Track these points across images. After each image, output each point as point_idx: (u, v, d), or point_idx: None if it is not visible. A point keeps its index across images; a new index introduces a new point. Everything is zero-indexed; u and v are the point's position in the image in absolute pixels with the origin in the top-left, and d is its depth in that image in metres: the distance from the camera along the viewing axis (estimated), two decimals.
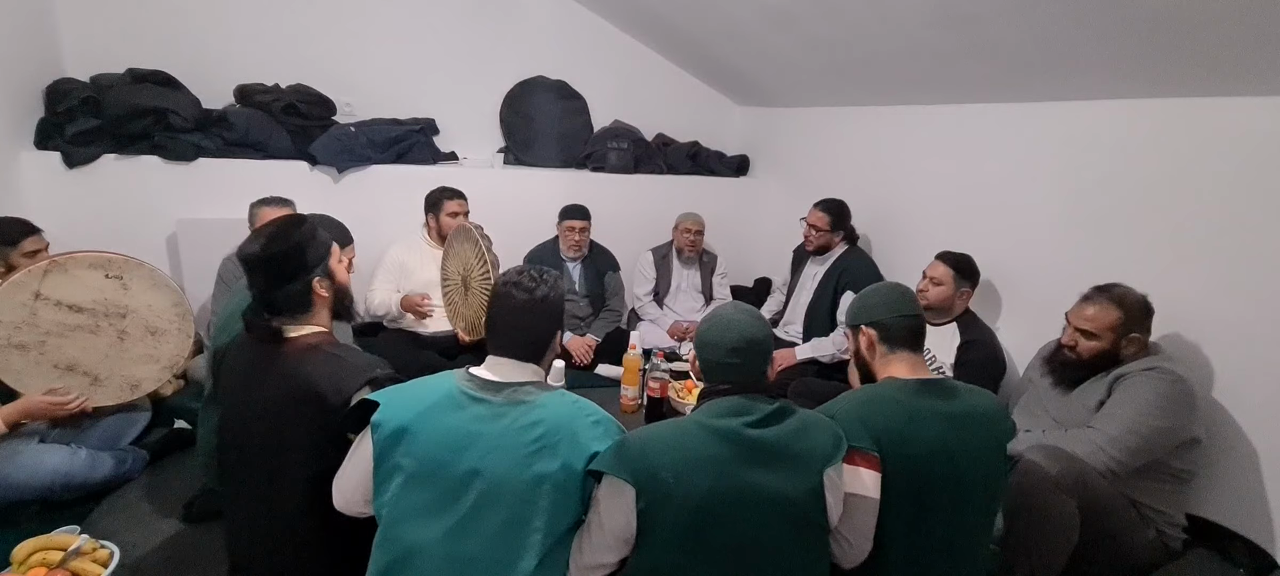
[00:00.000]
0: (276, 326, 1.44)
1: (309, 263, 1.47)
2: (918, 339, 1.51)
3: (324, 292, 1.50)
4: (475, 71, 3.98)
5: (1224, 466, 1.95)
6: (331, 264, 1.53)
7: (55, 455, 2.00)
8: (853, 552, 1.34)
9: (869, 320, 1.54)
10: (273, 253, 1.43)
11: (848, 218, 3.14)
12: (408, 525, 1.21)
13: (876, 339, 1.52)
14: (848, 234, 3.16)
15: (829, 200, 3.14)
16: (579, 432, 1.23)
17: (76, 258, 1.98)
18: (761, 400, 1.32)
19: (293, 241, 1.45)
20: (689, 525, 1.17)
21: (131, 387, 2.13)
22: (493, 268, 2.30)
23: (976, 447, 1.40)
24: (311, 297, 1.48)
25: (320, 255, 1.50)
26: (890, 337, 1.50)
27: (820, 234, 3.12)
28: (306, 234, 1.49)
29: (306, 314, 1.48)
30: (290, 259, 1.44)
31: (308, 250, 1.47)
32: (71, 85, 3.02)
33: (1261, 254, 1.87)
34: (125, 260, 2.04)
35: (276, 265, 1.43)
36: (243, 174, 3.21)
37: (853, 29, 2.67)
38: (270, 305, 1.45)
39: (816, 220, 3.12)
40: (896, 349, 1.50)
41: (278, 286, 1.44)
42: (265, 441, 1.42)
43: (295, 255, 1.45)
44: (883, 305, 1.54)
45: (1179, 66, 1.92)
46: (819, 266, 3.19)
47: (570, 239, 3.39)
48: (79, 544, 1.70)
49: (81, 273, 1.98)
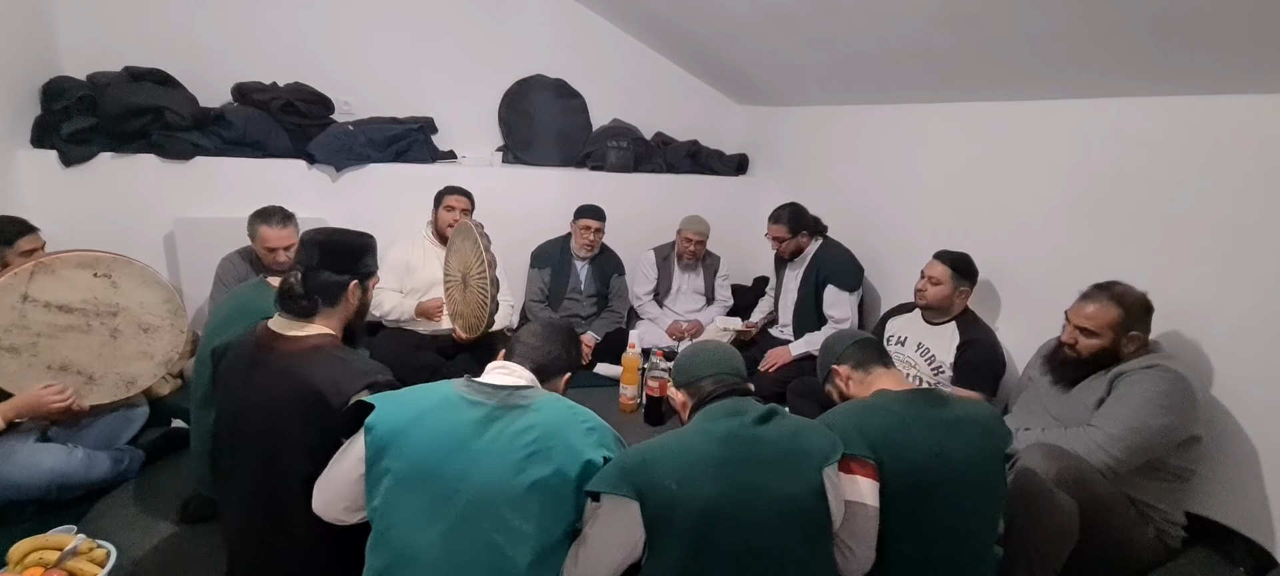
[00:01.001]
0: (307, 304, 1.52)
1: (358, 268, 1.61)
2: (883, 354, 1.63)
3: (353, 299, 1.60)
4: (474, 70, 3.97)
5: (1223, 464, 1.95)
6: (370, 283, 1.67)
7: (52, 455, 1.99)
8: (857, 561, 1.34)
9: (836, 361, 1.65)
10: (338, 240, 1.60)
11: (804, 217, 3.16)
12: (401, 528, 1.21)
13: (850, 370, 1.62)
14: (813, 229, 3.17)
15: (779, 209, 3.18)
16: (573, 439, 1.23)
17: (63, 258, 1.97)
18: (753, 401, 1.35)
19: (356, 242, 1.64)
20: (696, 530, 1.17)
21: (127, 384, 2.12)
22: (489, 266, 2.29)
23: (973, 451, 1.41)
24: (343, 296, 1.57)
25: (369, 269, 1.66)
26: (859, 363, 1.61)
27: (785, 243, 3.16)
28: (368, 245, 1.67)
29: (331, 308, 1.56)
30: (347, 252, 1.60)
31: (363, 257, 1.64)
32: (68, 83, 3.02)
33: (1261, 252, 1.87)
34: (113, 258, 2.02)
35: (334, 251, 1.57)
36: (241, 173, 3.20)
37: (852, 27, 2.66)
38: (309, 286, 1.53)
39: (775, 233, 3.18)
40: (870, 368, 1.60)
41: (324, 270, 1.54)
42: (265, 440, 1.42)
43: (353, 253, 1.61)
44: (837, 346, 1.68)
45: (1179, 64, 1.92)
46: (797, 269, 3.22)
47: (584, 238, 3.39)
48: (76, 543, 1.69)
49: (69, 273, 1.96)
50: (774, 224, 3.17)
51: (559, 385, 1.48)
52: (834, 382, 1.67)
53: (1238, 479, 1.93)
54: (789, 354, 3.07)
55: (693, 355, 1.48)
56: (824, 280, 3.06)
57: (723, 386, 1.38)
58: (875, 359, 1.60)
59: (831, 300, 3.04)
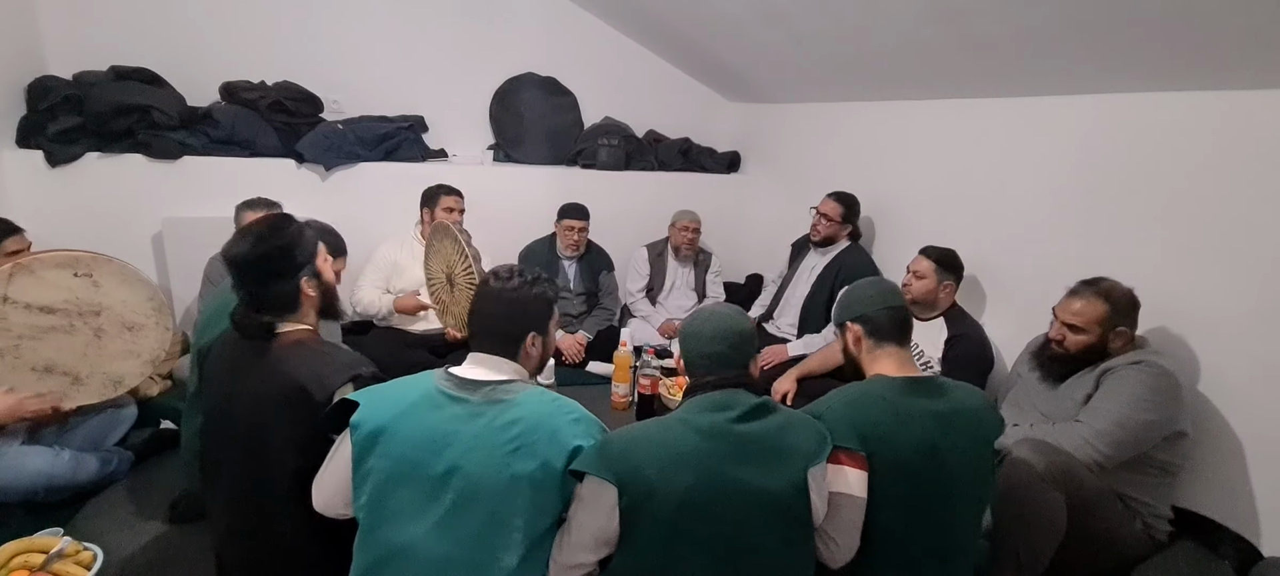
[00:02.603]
0: (267, 321, 1.44)
1: (298, 262, 1.47)
2: (904, 332, 1.53)
3: (312, 292, 1.50)
4: (464, 68, 3.95)
5: (1210, 459, 1.96)
6: (319, 263, 1.53)
7: (38, 457, 1.97)
8: (840, 552, 1.34)
9: (853, 315, 1.56)
10: (261, 252, 1.43)
11: (858, 212, 3.14)
12: (388, 526, 1.21)
13: (863, 334, 1.54)
14: (853, 230, 3.17)
15: (843, 192, 3.14)
16: (558, 430, 1.22)
17: (42, 258, 1.94)
18: (745, 394, 1.32)
19: (281, 241, 1.46)
20: (673, 521, 1.17)
21: (114, 384, 2.10)
22: (475, 261, 2.29)
23: (964, 445, 1.41)
24: (300, 297, 1.48)
25: (308, 254, 1.50)
26: (876, 331, 1.52)
27: (830, 224, 3.11)
28: (294, 233, 1.49)
29: (294, 313, 1.49)
30: (279, 258, 1.44)
31: (296, 250, 1.47)
32: (53, 83, 2.99)
33: (1248, 248, 1.88)
34: (93, 257, 2.00)
35: (265, 265, 1.43)
36: (229, 172, 3.18)
37: (842, 24, 2.66)
38: (259, 304, 1.45)
39: (829, 209, 3.12)
40: (883, 343, 1.51)
41: (267, 286, 1.44)
42: (250, 436, 1.41)
43: (284, 255, 1.45)
44: (866, 300, 1.55)
45: (1167, 61, 1.93)
46: (820, 259, 3.19)
47: (568, 238, 3.38)
48: (62, 546, 1.69)
49: (48, 273, 1.94)
50: (831, 199, 3.12)
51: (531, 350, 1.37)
52: (845, 334, 1.59)
53: (1224, 473, 1.95)
54: (785, 353, 3.07)
55: (698, 330, 1.38)
56: (843, 280, 3.01)
57: (718, 378, 1.34)
58: (894, 336, 1.50)
59: None
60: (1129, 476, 1.81)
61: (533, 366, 1.41)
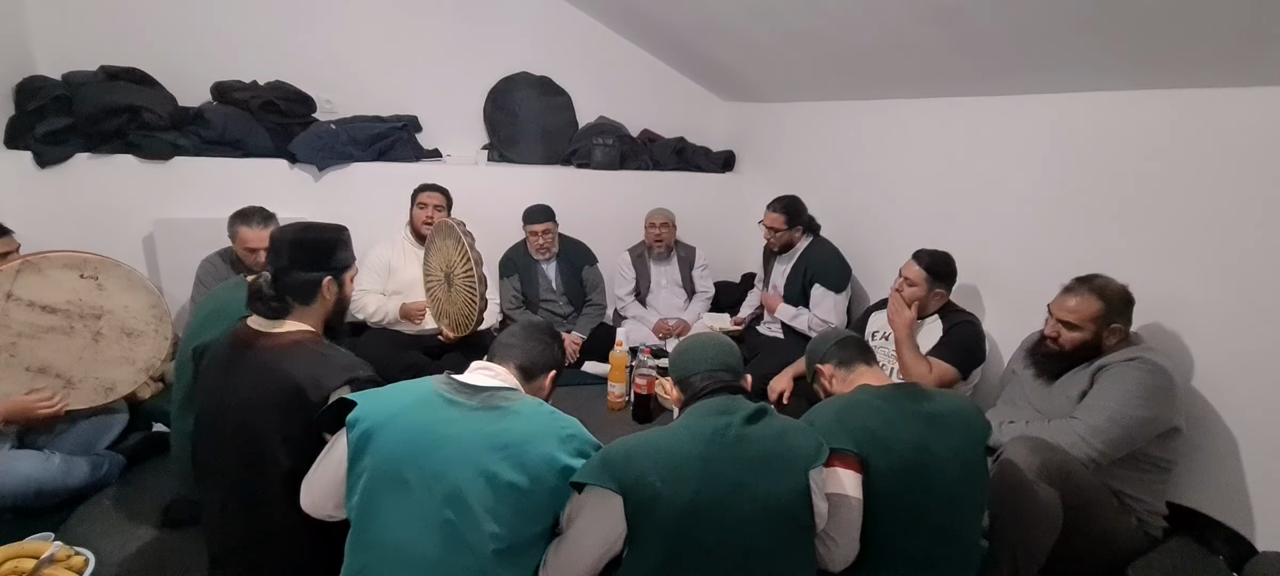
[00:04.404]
0: (278, 305, 1.48)
1: (332, 263, 1.55)
2: (867, 352, 1.69)
3: (329, 295, 1.56)
4: (458, 67, 3.94)
5: (1204, 455, 1.97)
6: (346, 276, 1.62)
7: (28, 461, 1.95)
8: (840, 554, 1.35)
9: (820, 359, 1.70)
10: (307, 238, 1.53)
11: (802, 212, 3.15)
12: (380, 526, 1.20)
13: (833, 369, 1.67)
14: (807, 226, 3.18)
15: (779, 199, 3.16)
16: (550, 445, 1.22)
17: (51, 257, 1.94)
18: (744, 400, 1.35)
19: (327, 236, 1.57)
20: (677, 527, 1.17)
21: (106, 390, 2.08)
22: (475, 264, 2.28)
23: (956, 445, 1.43)
24: (318, 293, 1.53)
25: (344, 262, 1.60)
26: (842, 361, 1.66)
27: (779, 234, 3.14)
28: (341, 238, 1.61)
29: (307, 307, 1.52)
30: (319, 249, 1.54)
31: (336, 251, 1.57)
32: (42, 83, 2.96)
33: (1241, 244, 1.89)
34: (101, 260, 1.99)
35: (305, 249, 1.51)
36: (221, 173, 3.16)
37: (836, 23, 2.67)
38: (280, 285, 1.49)
39: (772, 221, 3.15)
40: (853, 366, 1.64)
41: (296, 269, 1.49)
42: (245, 435, 1.40)
43: (325, 248, 1.55)
44: (822, 345, 1.72)
45: (1159, 59, 1.93)
46: (786, 264, 3.21)
47: (536, 242, 3.36)
48: (52, 551, 1.67)
49: (56, 273, 1.93)
50: (771, 211, 3.15)
51: (544, 384, 1.47)
52: (819, 382, 1.72)
53: (1217, 469, 1.96)
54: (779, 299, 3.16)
55: (687, 350, 1.47)
56: (811, 278, 3.06)
57: (714, 383, 1.38)
58: (857, 357, 1.65)
59: (817, 299, 3.03)
60: (1124, 473, 1.81)
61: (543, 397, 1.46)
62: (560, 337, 1.57)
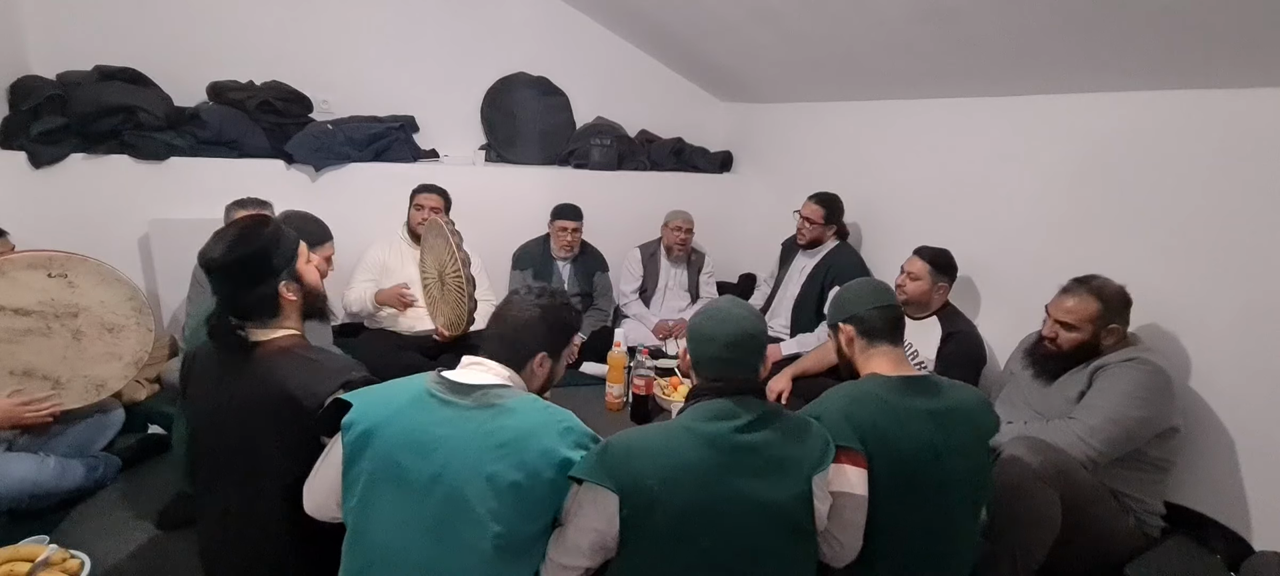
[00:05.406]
0: (242, 334, 1.39)
1: (275, 266, 1.41)
2: (897, 331, 1.53)
3: (292, 296, 1.44)
4: (455, 67, 3.93)
5: (1201, 455, 1.98)
6: (299, 266, 1.46)
7: (23, 464, 1.94)
8: (843, 551, 1.34)
9: (846, 316, 1.57)
10: (236, 256, 1.36)
11: (841, 212, 3.14)
12: (375, 529, 1.20)
13: (856, 334, 1.54)
14: (839, 229, 3.16)
15: (824, 193, 3.13)
16: (548, 440, 1.20)
17: (13, 259, 1.89)
18: (751, 401, 1.29)
19: (257, 244, 1.39)
20: (674, 532, 1.16)
21: (97, 388, 2.05)
22: (463, 264, 2.27)
23: (961, 443, 1.41)
24: (279, 302, 1.42)
25: (287, 258, 1.44)
26: (868, 331, 1.53)
27: (813, 227, 3.11)
28: (271, 236, 1.42)
29: (275, 318, 1.43)
30: (255, 263, 1.38)
31: (273, 254, 1.41)
32: (37, 83, 2.94)
33: (1238, 245, 1.90)
34: (67, 257, 1.95)
35: (241, 269, 1.37)
36: (217, 173, 3.15)
37: (834, 23, 2.67)
38: (235, 310, 1.40)
39: (811, 212, 3.11)
40: (876, 342, 1.52)
41: (243, 291, 1.39)
42: (238, 446, 1.38)
43: (260, 259, 1.39)
44: (858, 300, 1.56)
45: (1157, 60, 1.94)
46: (808, 260, 3.19)
47: (562, 239, 3.37)
48: (47, 554, 1.66)
49: (20, 275, 1.89)
50: (812, 202, 3.11)
51: (537, 370, 1.38)
52: (838, 335, 1.59)
53: (1215, 469, 1.96)
54: (779, 353, 3.07)
55: (702, 327, 1.35)
56: (832, 280, 3.02)
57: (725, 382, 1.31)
58: (886, 335, 1.51)
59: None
60: (1122, 472, 1.82)
61: (536, 386, 1.40)
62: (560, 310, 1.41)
